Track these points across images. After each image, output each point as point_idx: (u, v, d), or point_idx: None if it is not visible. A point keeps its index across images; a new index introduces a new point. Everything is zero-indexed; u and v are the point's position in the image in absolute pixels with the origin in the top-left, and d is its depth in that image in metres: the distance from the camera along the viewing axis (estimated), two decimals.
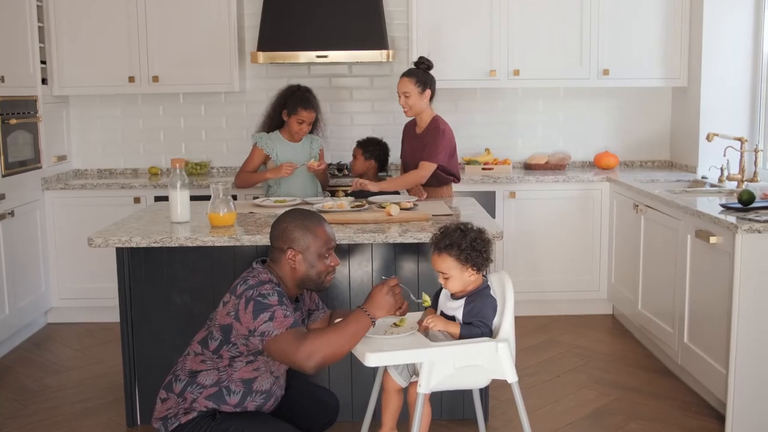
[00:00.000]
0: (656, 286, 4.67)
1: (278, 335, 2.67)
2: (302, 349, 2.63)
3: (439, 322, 2.87)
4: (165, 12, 5.64)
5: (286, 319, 2.69)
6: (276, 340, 2.67)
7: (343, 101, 6.12)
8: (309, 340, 2.65)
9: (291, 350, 2.65)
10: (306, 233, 2.86)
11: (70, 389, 4.44)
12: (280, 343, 2.67)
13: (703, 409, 4.05)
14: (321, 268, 2.89)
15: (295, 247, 2.85)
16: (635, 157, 6.14)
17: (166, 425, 2.83)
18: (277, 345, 2.67)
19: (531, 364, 4.73)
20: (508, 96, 6.11)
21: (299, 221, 2.89)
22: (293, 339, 2.66)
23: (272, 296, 2.73)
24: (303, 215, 2.94)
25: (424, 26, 5.66)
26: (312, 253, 2.86)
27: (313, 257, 2.87)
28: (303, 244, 2.86)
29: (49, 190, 5.53)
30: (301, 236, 2.86)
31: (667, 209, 4.45)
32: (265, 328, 2.68)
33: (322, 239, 2.88)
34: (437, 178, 4.63)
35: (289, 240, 2.86)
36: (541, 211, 5.56)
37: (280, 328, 2.67)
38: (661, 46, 5.68)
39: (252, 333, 2.70)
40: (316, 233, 2.87)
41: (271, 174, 4.63)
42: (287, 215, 2.95)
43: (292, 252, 2.85)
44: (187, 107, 6.11)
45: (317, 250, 2.87)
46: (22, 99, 5.22)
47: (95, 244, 3.54)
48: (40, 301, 5.47)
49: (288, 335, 2.66)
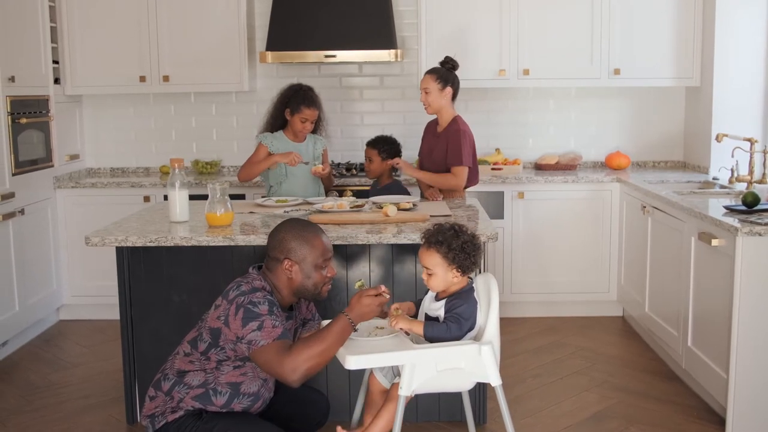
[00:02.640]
0: (662, 289, 4.62)
1: (264, 346, 2.68)
2: (287, 362, 2.64)
3: (402, 321, 2.87)
4: (175, 12, 5.68)
5: (275, 330, 2.69)
6: (262, 351, 2.68)
7: (353, 101, 6.13)
8: (293, 354, 2.66)
9: (276, 362, 2.66)
10: (303, 244, 2.86)
11: (74, 386, 4.49)
12: (266, 354, 2.68)
13: (705, 414, 3.99)
14: (317, 279, 2.89)
15: (291, 257, 2.86)
16: (648, 157, 6.08)
17: (153, 423, 2.85)
18: (262, 355, 2.69)
19: (535, 366, 4.70)
20: (520, 96, 6.08)
21: (297, 231, 2.89)
22: (278, 351, 2.66)
23: (263, 305, 2.73)
24: (301, 225, 2.94)
25: (433, 26, 5.64)
26: (308, 264, 2.87)
27: (309, 268, 2.87)
28: (300, 254, 2.86)
29: (60, 188, 5.60)
30: (298, 246, 2.86)
31: (672, 210, 4.40)
32: (253, 337, 2.69)
33: (319, 250, 2.88)
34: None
35: (285, 250, 2.86)
36: (550, 211, 5.52)
37: (267, 338, 2.68)
38: (674, 45, 5.61)
39: (240, 340, 2.72)
40: (313, 244, 2.87)
41: (280, 158, 4.57)
42: (285, 225, 2.95)
43: (288, 262, 2.86)
44: (198, 107, 6.15)
45: (314, 260, 2.87)
46: (33, 98, 5.29)
47: (92, 243, 3.58)
48: (51, 298, 5.53)
49: (274, 347, 2.67)
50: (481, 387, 3.82)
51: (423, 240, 2.97)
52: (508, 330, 5.37)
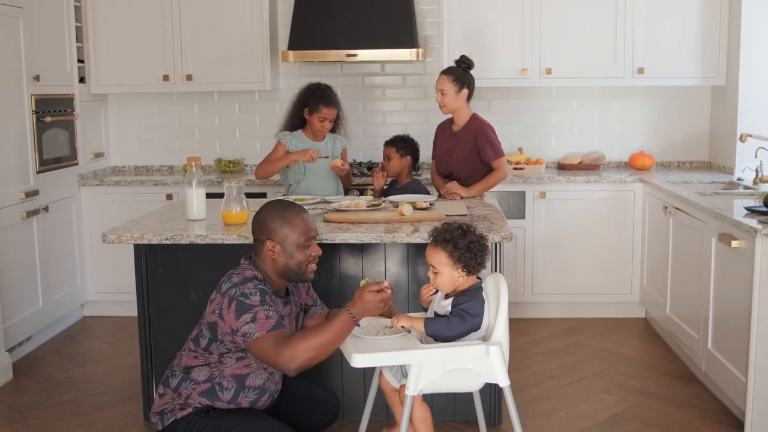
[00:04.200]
0: (683, 291, 4.56)
1: (259, 337, 2.68)
2: (284, 352, 2.64)
3: (404, 319, 2.87)
4: (198, 12, 5.73)
5: (268, 321, 2.70)
6: (257, 342, 2.69)
7: (375, 100, 6.13)
8: (291, 344, 2.66)
9: (272, 353, 2.66)
10: (284, 224, 2.87)
11: (94, 381, 4.55)
12: (261, 345, 2.68)
13: (724, 418, 3.94)
14: (301, 258, 2.88)
15: (273, 238, 2.86)
16: (672, 157, 6.00)
17: (163, 420, 2.87)
18: (258, 347, 2.69)
19: (553, 367, 4.66)
20: (543, 95, 6.03)
21: (277, 212, 2.90)
22: (274, 342, 2.67)
23: (254, 296, 2.74)
24: (281, 206, 2.94)
25: (456, 25, 5.62)
26: (290, 244, 2.86)
27: (291, 248, 2.86)
28: (281, 234, 2.86)
29: (85, 186, 5.67)
30: (279, 227, 2.86)
31: (693, 211, 4.34)
32: (247, 330, 2.70)
33: (300, 229, 2.88)
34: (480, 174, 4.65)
35: (267, 231, 2.87)
36: (571, 211, 5.47)
37: (261, 330, 2.69)
38: (699, 43, 5.53)
39: (235, 332, 2.73)
40: (293, 223, 2.87)
41: (297, 155, 4.60)
42: (266, 207, 2.96)
43: (270, 243, 2.86)
44: (222, 105, 6.19)
45: (295, 240, 2.87)
46: (58, 97, 5.36)
47: (108, 240, 3.61)
48: (75, 294, 5.60)
49: (269, 338, 2.68)
50: (496, 388, 3.79)
51: (430, 238, 2.97)
52: (529, 331, 5.34)
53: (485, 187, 4.64)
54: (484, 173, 4.66)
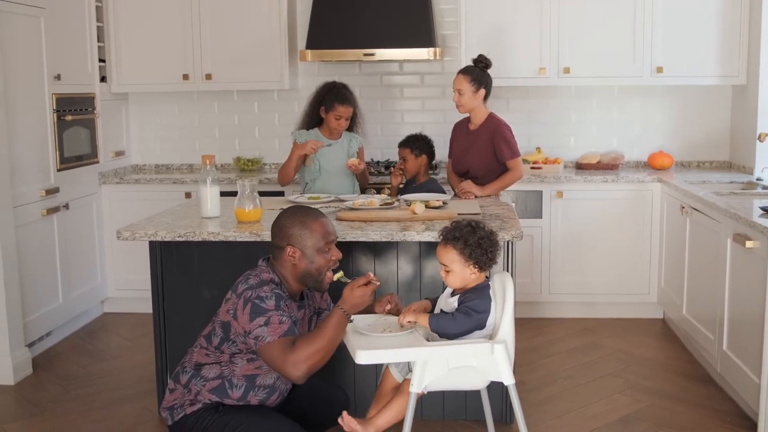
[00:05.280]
0: (699, 291, 4.53)
1: (270, 342, 2.71)
2: (289, 359, 2.68)
3: (409, 314, 2.88)
4: (217, 12, 5.78)
5: (281, 326, 2.72)
6: (268, 347, 2.72)
7: (393, 99, 6.14)
8: (295, 351, 2.69)
9: (280, 359, 2.70)
10: (303, 229, 2.89)
11: (111, 376, 4.61)
12: (271, 351, 2.71)
13: (738, 419, 3.90)
14: (321, 263, 2.91)
15: (293, 243, 2.89)
16: (692, 157, 5.95)
17: (173, 415, 2.90)
18: (268, 351, 2.72)
19: (568, 367, 4.65)
20: (562, 94, 6.01)
21: (296, 217, 2.92)
22: (283, 348, 2.70)
23: (270, 300, 2.77)
24: (300, 211, 2.97)
25: (474, 24, 5.61)
26: (310, 249, 2.89)
27: (312, 252, 2.89)
28: (301, 240, 2.89)
29: (105, 184, 5.74)
30: (298, 232, 2.89)
31: (709, 211, 4.31)
32: (260, 333, 2.72)
33: (320, 234, 2.90)
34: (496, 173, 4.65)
35: (287, 237, 2.90)
36: (589, 211, 5.45)
37: (273, 335, 2.71)
38: (719, 42, 5.48)
39: (247, 334, 2.76)
40: (312, 228, 2.90)
41: (299, 150, 4.62)
42: (285, 212, 2.98)
43: (291, 248, 2.89)
44: (241, 105, 6.24)
45: (315, 244, 2.89)
46: (79, 96, 5.43)
47: (123, 237, 3.66)
48: (96, 291, 5.68)
49: (279, 343, 2.70)
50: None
51: (440, 237, 2.98)
52: (545, 331, 5.33)
53: (500, 186, 4.63)
54: (499, 173, 4.66)
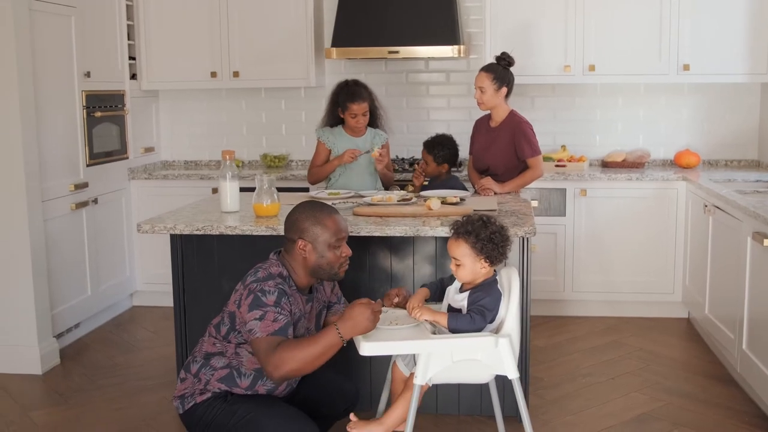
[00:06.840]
0: (720, 290, 4.49)
1: (259, 338, 2.76)
2: (271, 359, 2.71)
3: (426, 312, 2.89)
4: (245, 10, 5.85)
5: (274, 324, 2.76)
6: (256, 341, 2.77)
7: (419, 96, 6.17)
8: (278, 353, 2.71)
9: (263, 356, 2.74)
10: (315, 224, 2.94)
11: (136, 367, 4.71)
12: (257, 346, 2.76)
13: (757, 420, 3.87)
14: (331, 258, 2.95)
15: (305, 237, 2.94)
16: (720, 156, 5.89)
17: (183, 403, 2.97)
18: (255, 346, 2.78)
19: (587, 365, 4.64)
20: (587, 92, 5.99)
21: (309, 212, 2.97)
22: (267, 346, 2.73)
23: (271, 295, 2.81)
24: (313, 206, 3.02)
25: (499, 21, 5.61)
26: (321, 243, 2.93)
27: (323, 247, 2.94)
28: (313, 234, 2.93)
29: (134, 179, 5.85)
30: (310, 227, 2.94)
31: (730, 209, 4.27)
32: (252, 326, 2.78)
33: (332, 230, 2.95)
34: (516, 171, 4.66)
35: (299, 230, 2.95)
36: (613, 209, 5.42)
37: (263, 331, 2.76)
38: (747, 39, 5.41)
39: (244, 324, 2.81)
40: (325, 224, 2.94)
41: (337, 161, 4.72)
42: (299, 207, 3.03)
43: (302, 242, 2.93)
44: (268, 102, 6.31)
45: (327, 240, 2.94)
46: (109, 93, 5.54)
47: (143, 230, 3.74)
48: (124, 284, 5.79)
49: (265, 341, 2.74)
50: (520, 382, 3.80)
51: (452, 231, 3.00)
52: (568, 329, 5.32)
53: (520, 184, 4.63)
54: (520, 170, 4.66)
